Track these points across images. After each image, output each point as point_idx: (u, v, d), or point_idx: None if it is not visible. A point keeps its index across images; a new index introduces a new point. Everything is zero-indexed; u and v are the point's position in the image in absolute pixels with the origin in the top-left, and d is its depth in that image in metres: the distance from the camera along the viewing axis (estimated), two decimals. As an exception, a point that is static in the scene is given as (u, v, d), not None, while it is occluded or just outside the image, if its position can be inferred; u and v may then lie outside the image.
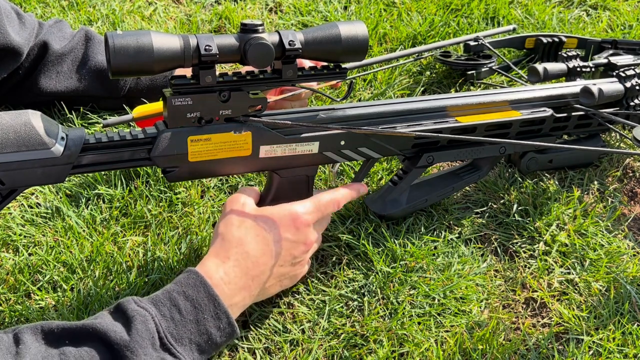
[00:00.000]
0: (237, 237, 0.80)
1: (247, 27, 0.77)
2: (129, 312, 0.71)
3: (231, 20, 1.51)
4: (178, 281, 0.76)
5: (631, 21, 1.56)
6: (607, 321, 0.89)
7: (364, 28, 0.81)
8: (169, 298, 0.73)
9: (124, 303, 0.72)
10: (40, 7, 1.51)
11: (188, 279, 0.76)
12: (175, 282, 0.76)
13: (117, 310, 0.72)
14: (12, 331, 0.69)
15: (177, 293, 0.74)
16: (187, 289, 0.74)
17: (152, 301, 0.73)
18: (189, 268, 0.77)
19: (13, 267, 0.92)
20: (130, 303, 0.72)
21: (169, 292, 0.74)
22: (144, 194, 1.03)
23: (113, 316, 0.72)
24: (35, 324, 0.70)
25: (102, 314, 0.73)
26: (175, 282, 0.76)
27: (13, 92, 1.18)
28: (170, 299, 0.73)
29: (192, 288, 0.74)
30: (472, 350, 0.84)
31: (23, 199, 1.04)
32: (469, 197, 1.09)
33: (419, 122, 0.94)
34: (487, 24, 1.54)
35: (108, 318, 0.71)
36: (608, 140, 1.21)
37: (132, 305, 0.72)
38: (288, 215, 0.83)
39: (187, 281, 0.75)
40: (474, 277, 0.94)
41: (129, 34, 0.72)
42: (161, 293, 0.74)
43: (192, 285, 0.75)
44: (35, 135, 0.73)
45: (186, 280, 0.75)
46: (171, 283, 0.76)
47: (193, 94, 0.79)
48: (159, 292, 0.75)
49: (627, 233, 1.03)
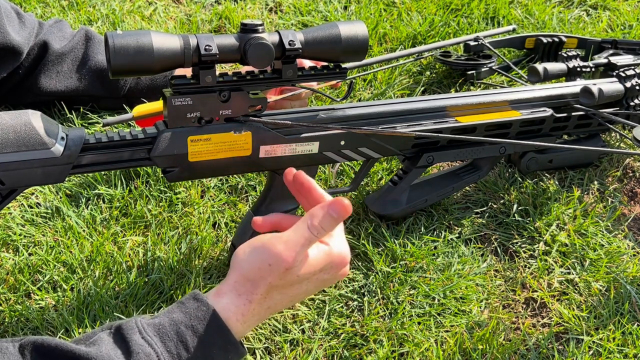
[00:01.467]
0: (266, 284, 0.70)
1: (247, 27, 0.77)
2: (132, 346, 0.66)
3: (231, 20, 1.51)
4: (187, 311, 0.69)
5: (631, 21, 1.56)
6: (607, 321, 0.89)
7: (364, 28, 0.81)
8: (176, 332, 0.68)
9: (127, 331, 0.67)
10: (40, 7, 1.51)
11: (198, 310, 0.69)
12: (184, 312, 0.69)
13: (119, 336, 0.67)
14: (18, 341, 0.67)
15: (185, 327, 0.68)
16: (196, 322, 0.68)
17: (157, 332, 0.67)
18: (199, 295, 0.70)
19: (13, 267, 0.92)
20: (134, 332, 0.67)
21: (176, 324, 0.68)
22: (144, 194, 1.03)
23: (113, 340, 0.67)
24: (37, 339, 0.66)
25: (100, 338, 0.67)
26: (183, 310, 0.69)
27: (13, 92, 1.18)
28: (178, 333, 0.68)
29: (200, 321, 0.68)
30: (472, 350, 0.84)
31: (23, 199, 1.04)
32: (469, 197, 1.09)
33: (419, 122, 0.94)
34: (487, 24, 1.54)
35: (107, 345, 0.66)
36: (608, 140, 1.21)
37: (136, 336, 0.66)
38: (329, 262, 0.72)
39: (197, 313, 0.69)
40: (474, 277, 0.94)
41: (129, 34, 0.72)
42: (168, 323, 0.68)
43: (200, 319, 0.68)
44: (35, 135, 0.73)
45: (195, 312, 0.69)
46: (178, 310, 0.70)
47: (193, 94, 0.79)
48: (165, 321, 0.68)
49: (627, 233, 1.03)
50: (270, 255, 0.68)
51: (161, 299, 0.88)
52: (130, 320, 0.68)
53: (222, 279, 0.92)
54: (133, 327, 0.68)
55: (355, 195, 1.06)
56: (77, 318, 0.85)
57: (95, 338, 0.68)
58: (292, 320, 0.88)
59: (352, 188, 0.97)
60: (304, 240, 0.68)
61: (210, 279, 0.92)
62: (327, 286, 0.76)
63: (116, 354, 0.65)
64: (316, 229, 0.68)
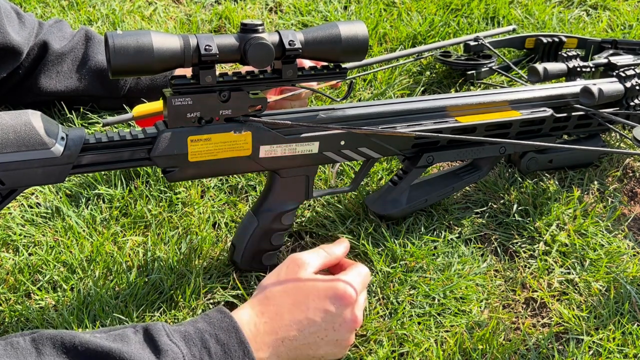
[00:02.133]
0: (278, 297, 0.78)
1: (247, 27, 0.77)
2: (161, 345, 0.68)
3: (231, 20, 1.51)
4: (211, 322, 0.73)
5: (631, 21, 1.56)
6: (607, 321, 0.89)
7: (364, 28, 0.81)
8: (201, 339, 0.71)
9: (155, 332, 0.70)
10: (40, 7, 1.51)
11: (222, 321, 0.73)
12: (208, 322, 0.73)
13: (147, 336, 0.70)
14: (29, 335, 0.66)
15: (209, 335, 0.72)
16: (220, 332, 0.72)
17: (183, 337, 0.71)
18: (223, 309, 0.75)
19: (13, 267, 0.92)
20: (162, 335, 0.69)
21: (201, 331, 0.72)
22: (144, 194, 1.03)
23: (142, 339, 0.69)
24: (55, 334, 0.66)
25: (127, 335, 0.69)
26: (207, 321, 0.74)
27: (13, 92, 1.18)
28: (202, 340, 0.71)
29: (224, 332, 0.72)
30: (472, 350, 0.84)
31: (23, 199, 1.04)
32: (469, 197, 1.09)
33: (419, 122, 0.94)
34: (487, 24, 1.54)
35: (136, 344, 0.68)
36: (608, 140, 1.21)
37: (164, 338, 0.69)
38: (335, 289, 0.79)
39: (221, 324, 0.73)
40: (474, 277, 0.94)
41: (129, 34, 0.72)
42: (193, 331, 0.72)
43: (224, 329, 0.72)
44: (35, 135, 0.73)
45: (219, 323, 0.73)
46: (203, 320, 0.74)
47: (193, 94, 0.79)
48: (190, 328, 0.72)
49: (627, 233, 1.03)
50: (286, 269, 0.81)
51: (161, 299, 0.88)
52: (157, 323, 0.71)
53: (222, 278, 0.92)
54: (160, 329, 0.70)
55: (355, 195, 1.06)
56: (77, 318, 0.85)
57: (120, 333, 0.69)
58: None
59: (352, 188, 0.97)
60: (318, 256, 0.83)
61: (210, 279, 0.92)
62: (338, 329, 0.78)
63: (145, 352, 0.67)
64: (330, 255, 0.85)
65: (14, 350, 0.65)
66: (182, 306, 0.88)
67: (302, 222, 1.02)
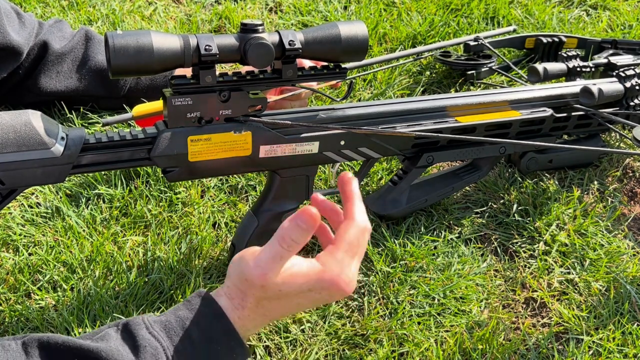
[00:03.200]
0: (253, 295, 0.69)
1: (247, 27, 0.77)
2: (139, 340, 0.66)
3: (231, 20, 1.51)
4: (192, 308, 0.70)
5: (631, 21, 1.56)
6: (607, 321, 0.89)
7: (364, 28, 0.81)
8: (182, 327, 0.68)
9: (134, 326, 0.68)
10: (40, 7, 1.51)
11: (203, 307, 0.69)
12: (190, 309, 0.70)
13: (126, 332, 0.68)
14: (20, 339, 0.67)
15: (191, 323, 0.68)
16: (202, 318, 0.69)
17: (164, 328, 0.68)
18: (203, 292, 0.71)
19: (13, 267, 0.92)
20: (141, 328, 0.67)
21: (182, 320, 0.69)
22: (144, 194, 1.03)
23: (121, 337, 0.67)
24: (43, 336, 0.66)
25: (108, 333, 0.68)
26: (189, 307, 0.70)
27: (13, 91, 1.18)
28: (184, 329, 0.68)
29: (206, 318, 0.69)
30: (472, 350, 0.84)
31: (23, 199, 1.04)
32: (469, 197, 1.09)
33: (419, 122, 0.94)
34: (487, 24, 1.54)
35: (116, 341, 0.67)
36: (608, 140, 1.21)
37: (143, 331, 0.67)
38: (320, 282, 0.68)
39: (203, 310, 0.69)
40: (474, 277, 0.94)
41: (129, 34, 0.72)
42: (174, 319, 0.69)
43: (206, 315, 0.69)
44: (35, 135, 0.73)
45: (202, 309, 0.69)
46: (184, 307, 0.70)
47: (193, 93, 0.79)
48: (171, 317, 0.69)
49: (627, 233, 1.03)
50: (245, 270, 0.67)
51: (161, 299, 0.88)
52: (137, 317, 0.69)
53: (222, 278, 0.92)
54: (140, 323, 0.68)
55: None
56: (77, 318, 0.85)
57: (103, 334, 0.68)
58: (292, 321, 0.88)
59: (352, 188, 0.97)
60: (275, 255, 0.66)
61: (210, 279, 0.92)
62: (323, 303, 0.74)
63: (124, 349, 0.66)
64: (286, 242, 0.65)
65: (5, 352, 0.65)
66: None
67: (302, 222, 1.02)
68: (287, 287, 0.67)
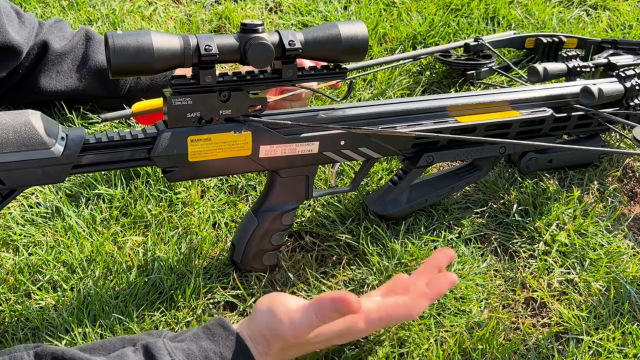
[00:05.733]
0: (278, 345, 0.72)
1: (247, 27, 0.77)
2: None
3: (231, 20, 1.51)
4: (215, 340, 0.71)
5: (631, 21, 1.56)
6: (607, 321, 0.89)
7: (364, 28, 0.81)
8: (205, 358, 0.69)
9: (156, 351, 0.67)
10: (40, 7, 1.51)
11: (227, 339, 0.71)
12: (213, 340, 0.70)
13: (147, 356, 0.67)
14: (33, 349, 0.66)
15: (214, 354, 0.69)
16: (225, 350, 0.70)
17: (187, 356, 0.68)
18: (226, 322, 0.72)
19: (13, 267, 0.92)
20: (163, 354, 0.67)
21: (205, 350, 0.69)
22: (144, 194, 1.03)
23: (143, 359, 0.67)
24: (57, 350, 0.65)
25: (126, 354, 0.67)
26: (211, 338, 0.71)
27: (13, 91, 1.18)
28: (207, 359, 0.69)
29: (229, 350, 0.70)
30: (472, 350, 0.84)
31: (23, 199, 1.04)
32: (469, 197, 1.09)
33: (419, 122, 0.94)
34: (487, 24, 1.54)
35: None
36: (608, 140, 1.21)
37: (167, 358, 0.67)
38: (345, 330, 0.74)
39: (226, 342, 0.70)
40: (473, 277, 0.94)
41: (129, 34, 0.72)
42: (197, 349, 0.69)
43: (230, 348, 0.70)
44: (35, 135, 0.73)
45: (224, 341, 0.70)
46: (205, 336, 0.71)
47: (193, 94, 0.79)
48: (193, 347, 0.69)
49: (627, 233, 1.03)
50: (278, 327, 0.71)
51: (161, 299, 0.88)
52: (158, 341, 0.69)
53: (222, 279, 0.92)
54: (162, 348, 0.68)
55: (355, 195, 1.06)
56: (77, 318, 0.85)
57: (119, 353, 0.68)
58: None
59: (352, 188, 0.97)
60: (310, 324, 0.71)
61: (210, 279, 0.92)
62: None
63: None
64: (322, 319, 0.71)
65: None
66: (182, 306, 0.88)
67: (302, 222, 1.02)
68: (317, 338, 0.73)
